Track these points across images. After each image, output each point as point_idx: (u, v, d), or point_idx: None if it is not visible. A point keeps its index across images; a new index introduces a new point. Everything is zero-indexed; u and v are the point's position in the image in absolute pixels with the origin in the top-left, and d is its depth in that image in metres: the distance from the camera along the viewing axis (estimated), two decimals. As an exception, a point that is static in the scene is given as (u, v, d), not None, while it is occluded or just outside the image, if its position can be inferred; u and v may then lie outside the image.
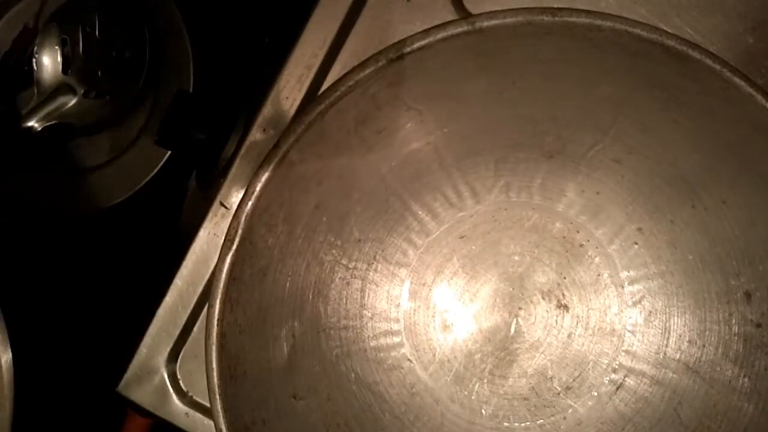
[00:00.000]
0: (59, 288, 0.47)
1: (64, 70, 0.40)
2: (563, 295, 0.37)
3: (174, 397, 0.37)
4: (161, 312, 0.37)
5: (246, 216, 0.31)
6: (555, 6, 0.30)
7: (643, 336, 0.37)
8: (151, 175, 0.45)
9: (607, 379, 0.37)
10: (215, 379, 0.31)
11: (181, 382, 0.37)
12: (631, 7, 0.35)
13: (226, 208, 0.36)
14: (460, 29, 0.31)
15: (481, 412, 0.37)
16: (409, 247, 0.37)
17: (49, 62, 0.40)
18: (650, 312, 0.37)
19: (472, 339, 0.37)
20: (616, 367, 0.37)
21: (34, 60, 0.40)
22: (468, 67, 0.32)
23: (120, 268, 0.48)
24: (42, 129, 0.41)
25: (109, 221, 0.46)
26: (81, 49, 0.40)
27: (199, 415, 0.37)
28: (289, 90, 0.36)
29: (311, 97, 0.35)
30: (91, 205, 0.45)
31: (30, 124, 0.40)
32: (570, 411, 0.37)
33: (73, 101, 0.41)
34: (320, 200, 0.34)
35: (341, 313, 0.36)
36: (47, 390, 0.44)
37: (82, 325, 0.46)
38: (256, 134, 0.36)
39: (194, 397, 0.37)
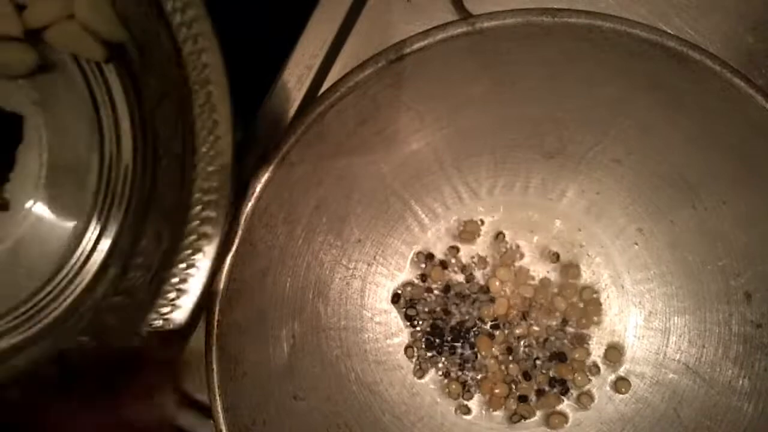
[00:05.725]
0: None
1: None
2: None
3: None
4: (161, 312, 0.37)
5: (246, 216, 0.31)
6: (555, 6, 0.30)
7: (643, 336, 0.37)
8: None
9: (607, 379, 0.37)
10: (215, 380, 0.31)
11: (181, 382, 0.38)
12: (631, 7, 0.35)
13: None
14: (460, 30, 0.31)
15: (481, 412, 0.37)
16: (408, 247, 0.37)
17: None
18: (650, 312, 0.37)
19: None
20: (616, 367, 0.37)
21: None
22: (468, 67, 0.32)
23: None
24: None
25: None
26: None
27: (199, 415, 0.37)
28: (289, 90, 0.36)
29: (311, 97, 0.35)
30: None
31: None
32: (570, 411, 0.37)
33: None
34: (320, 200, 0.34)
35: (341, 314, 0.36)
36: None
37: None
38: (256, 134, 0.36)
39: (194, 397, 0.37)
